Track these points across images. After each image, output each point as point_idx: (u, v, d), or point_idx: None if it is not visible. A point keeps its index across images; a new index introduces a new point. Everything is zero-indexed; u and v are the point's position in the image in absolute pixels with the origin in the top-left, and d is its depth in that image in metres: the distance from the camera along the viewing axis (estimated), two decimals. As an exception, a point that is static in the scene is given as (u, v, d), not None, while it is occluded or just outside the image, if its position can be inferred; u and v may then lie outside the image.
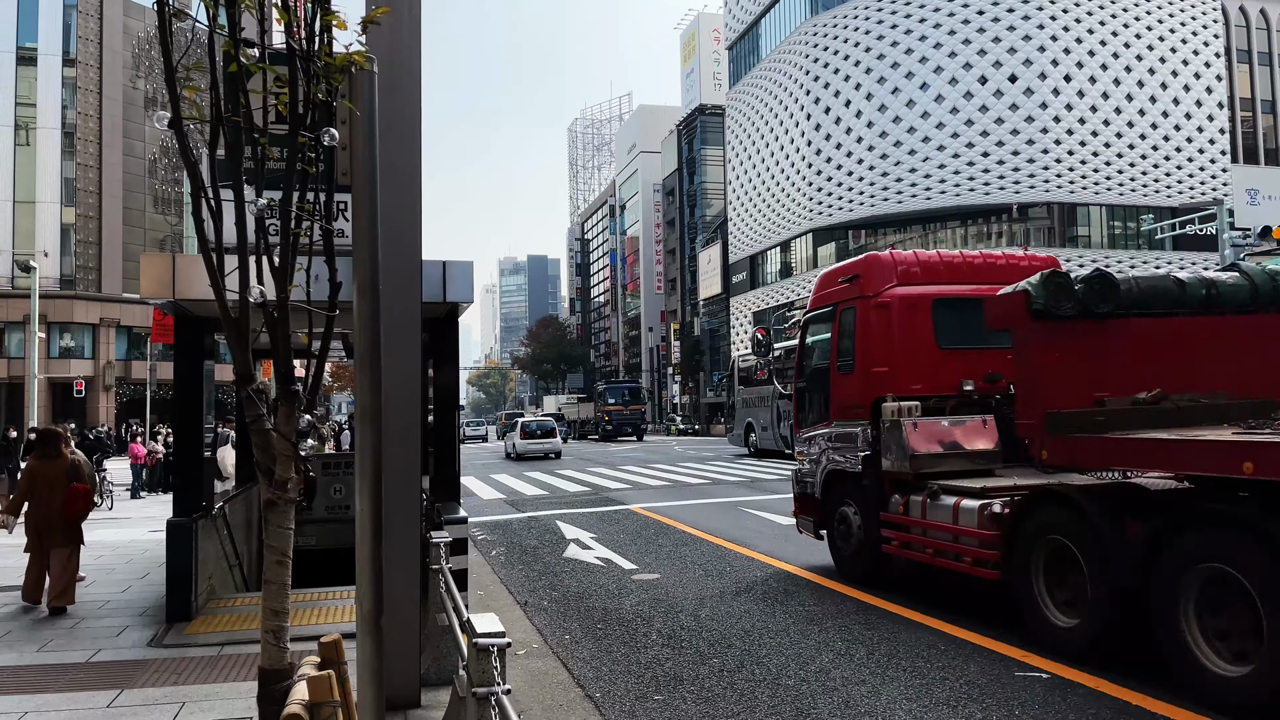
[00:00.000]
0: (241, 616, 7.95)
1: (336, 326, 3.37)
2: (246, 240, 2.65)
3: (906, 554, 8.40)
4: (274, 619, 2.64)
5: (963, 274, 9.52)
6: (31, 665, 6.67)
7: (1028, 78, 53.44)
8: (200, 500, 8.39)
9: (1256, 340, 7.28)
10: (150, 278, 7.06)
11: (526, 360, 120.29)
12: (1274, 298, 7.40)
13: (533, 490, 21.32)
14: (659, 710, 5.71)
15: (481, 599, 9.03)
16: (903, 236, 57.91)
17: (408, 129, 5.55)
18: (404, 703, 5.55)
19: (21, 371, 37.82)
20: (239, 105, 2.66)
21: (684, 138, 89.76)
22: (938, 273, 9.46)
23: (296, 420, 2.70)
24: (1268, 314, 7.38)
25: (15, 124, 45.89)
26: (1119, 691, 5.68)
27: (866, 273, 9.49)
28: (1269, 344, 7.27)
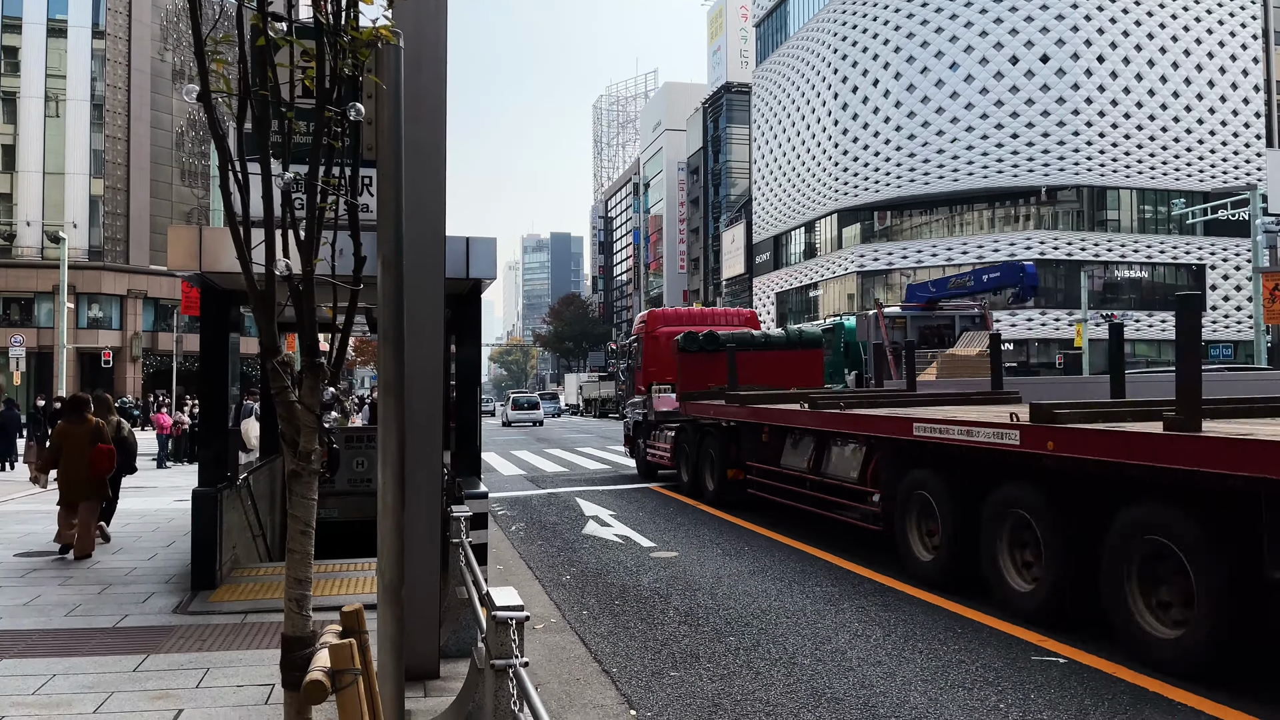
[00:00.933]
0: (265, 586, 8.07)
1: (360, 301, 3.40)
2: (273, 214, 2.67)
3: (654, 459, 17.12)
4: (297, 587, 2.68)
5: (695, 321, 18.36)
6: (60, 629, 6.80)
7: (1060, 58, 52.67)
8: (225, 471, 8.50)
9: (786, 362, 16.02)
10: (178, 250, 7.13)
11: (548, 338, 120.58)
12: (796, 343, 16.79)
13: (553, 467, 21.43)
14: (675, 686, 5.76)
15: (501, 574, 9.12)
16: (929, 218, 57.44)
17: (432, 104, 5.55)
18: (423, 673, 5.63)
19: (51, 341, 38.34)
20: (266, 79, 2.67)
21: (709, 116, 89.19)
22: (681, 320, 18.42)
23: (321, 393, 2.73)
24: (791, 350, 16.46)
25: (45, 96, 46.26)
26: (1135, 678, 5.67)
27: (650, 320, 18.46)
28: (792, 364, 15.99)
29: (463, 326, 8.65)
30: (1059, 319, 51.49)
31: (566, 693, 5.66)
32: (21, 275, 45.02)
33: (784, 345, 16.71)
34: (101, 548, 10.15)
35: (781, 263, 70.99)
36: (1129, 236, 53.87)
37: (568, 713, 5.29)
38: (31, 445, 18.74)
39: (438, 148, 5.62)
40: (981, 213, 55.95)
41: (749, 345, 15.79)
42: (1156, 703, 5.26)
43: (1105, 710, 5.16)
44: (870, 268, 58.13)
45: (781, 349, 16.50)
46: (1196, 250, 54.43)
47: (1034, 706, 5.25)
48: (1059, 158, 52.69)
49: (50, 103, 46.34)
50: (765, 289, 72.82)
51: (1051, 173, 52.80)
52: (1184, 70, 54.42)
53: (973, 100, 54.32)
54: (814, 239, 65.85)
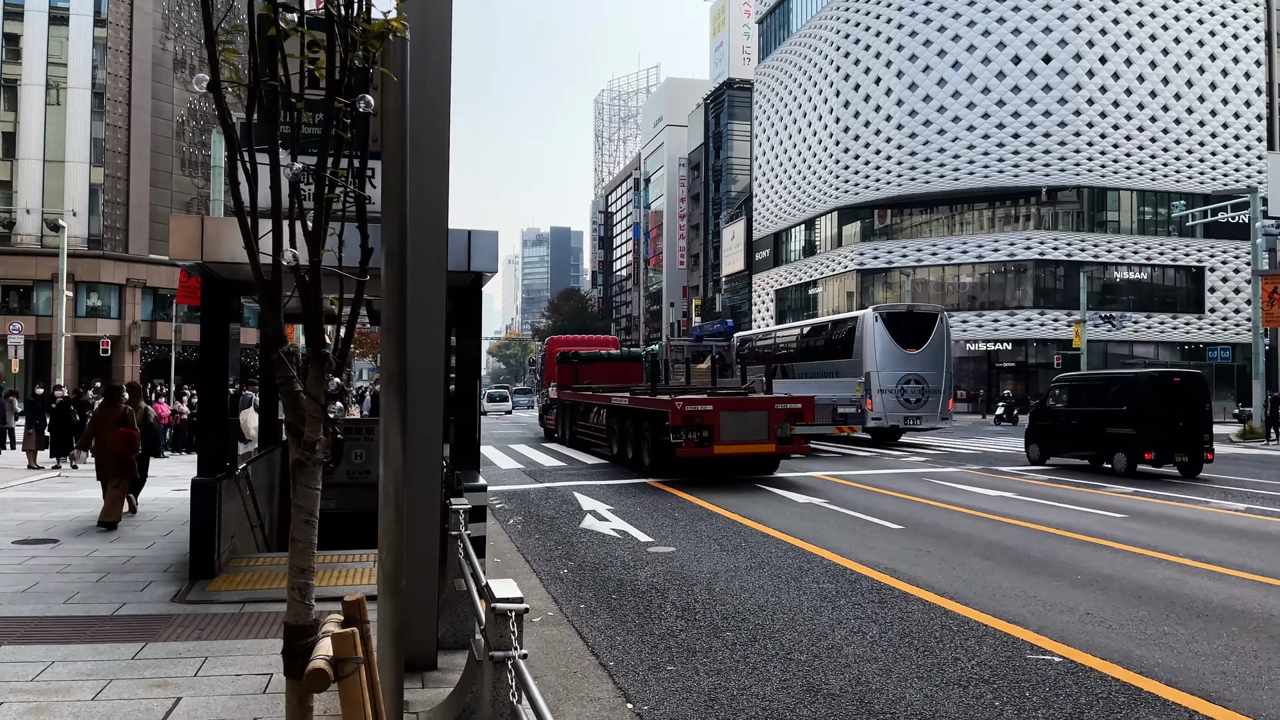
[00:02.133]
0: (263, 576, 8.09)
1: (364, 294, 3.41)
2: (281, 204, 2.68)
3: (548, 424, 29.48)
4: (300, 576, 2.69)
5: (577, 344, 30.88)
6: (58, 616, 6.81)
7: (1062, 58, 52.68)
8: (224, 461, 8.51)
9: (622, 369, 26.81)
10: (180, 239, 7.13)
11: (547, 332, 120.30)
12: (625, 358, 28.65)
13: (551, 461, 21.45)
14: (672, 680, 5.78)
15: (498, 567, 9.13)
16: (929, 217, 57.46)
17: (437, 97, 5.56)
18: (421, 665, 5.64)
19: (49, 329, 38.30)
20: (276, 69, 2.68)
21: (711, 112, 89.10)
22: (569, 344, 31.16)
23: (326, 383, 2.74)
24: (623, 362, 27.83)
25: (47, 83, 46.14)
26: (1130, 677, 5.70)
27: (550, 343, 32.33)
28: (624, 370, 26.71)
29: (463, 319, 8.65)
30: (1058, 319, 51.54)
31: (564, 685, 5.68)
32: (20, 263, 44.93)
33: (619, 359, 28.29)
34: (101, 536, 10.16)
35: (781, 260, 71.00)
36: (1128, 238, 53.90)
37: (565, 705, 5.31)
38: (30, 433, 18.74)
39: (441, 140, 5.62)
40: (981, 212, 55.97)
41: (597, 360, 27.21)
42: (1151, 702, 5.29)
43: (1100, 709, 5.19)
44: (870, 266, 58.15)
45: (618, 361, 27.86)
46: (1196, 252, 54.47)
47: (1029, 705, 5.28)
48: (1060, 158, 52.71)
49: (51, 90, 46.22)
50: (765, 286, 72.83)
51: (1052, 173, 52.83)
52: (1186, 72, 54.43)
53: (974, 99, 54.32)
54: (814, 236, 65.86)
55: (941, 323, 26.41)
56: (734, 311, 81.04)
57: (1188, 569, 9.00)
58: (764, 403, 17.31)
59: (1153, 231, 54.63)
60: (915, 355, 25.72)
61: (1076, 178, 52.81)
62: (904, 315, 26.75)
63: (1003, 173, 53.61)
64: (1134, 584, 8.33)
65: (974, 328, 53.90)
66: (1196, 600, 7.71)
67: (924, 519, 12.34)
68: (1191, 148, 54.43)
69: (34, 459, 18.28)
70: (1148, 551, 9.87)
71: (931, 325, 26.26)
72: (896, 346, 25.68)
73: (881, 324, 25.90)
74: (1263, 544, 10.46)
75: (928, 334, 26.17)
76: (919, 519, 12.33)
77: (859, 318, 27.46)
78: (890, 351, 25.55)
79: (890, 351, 25.55)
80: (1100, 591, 8.05)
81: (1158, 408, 18.03)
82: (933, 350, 26.08)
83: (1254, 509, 13.12)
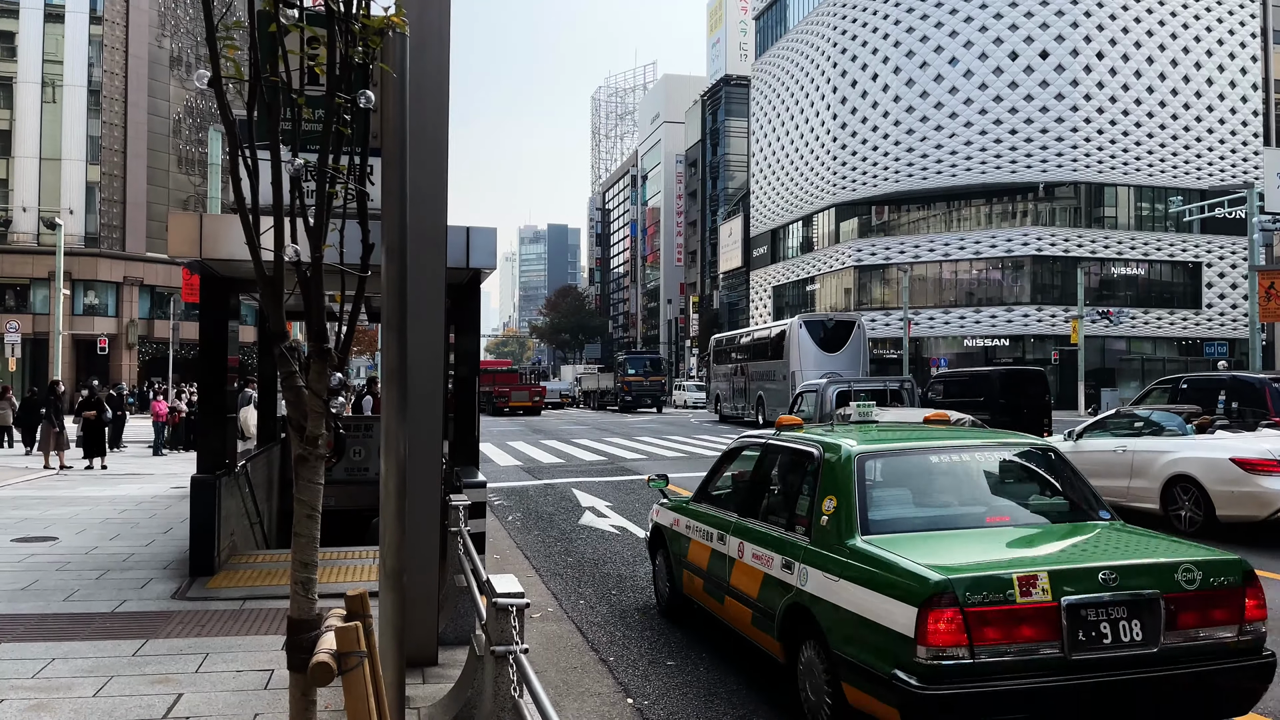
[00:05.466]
0: (263, 573, 8.10)
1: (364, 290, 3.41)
2: (282, 200, 2.69)
3: None
4: (303, 570, 2.70)
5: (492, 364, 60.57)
6: (59, 614, 6.82)
7: (1059, 54, 52.70)
8: (223, 458, 8.51)
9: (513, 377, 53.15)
10: (178, 236, 7.13)
11: (544, 329, 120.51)
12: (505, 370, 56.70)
13: (549, 458, 21.46)
14: (671, 675, 5.80)
15: (497, 563, 9.15)
16: (926, 213, 57.50)
17: (436, 93, 5.56)
18: (422, 660, 5.66)
19: (46, 328, 38.25)
20: (276, 65, 2.68)
21: (708, 108, 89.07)
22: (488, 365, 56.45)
23: (329, 378, 2.75)
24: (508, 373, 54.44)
25: (43, 81, 46.05)
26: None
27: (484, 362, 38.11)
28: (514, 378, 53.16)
29: (462, 316, 8.67)
30: (1055, 315, 51.58)
31: (564, 681, 5.70)
32: (17, 261, 44.86)
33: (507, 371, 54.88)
34: (100, 534, 10.18)
35: (779, 256, 71.01)
36: (1126, 233, 53.95)
37: (565, 700, 5.32)
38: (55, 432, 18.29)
39: (440, 136, 5.63)
40: (979, 208, 56.00)
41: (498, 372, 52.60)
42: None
43: None
44: (867, 262, 58.19)
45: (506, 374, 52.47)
46: (1193, 248, 54.54)
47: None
48: (1057, 154, 52.74)
49: (47, 88, 46.13)
50: (762, 283, 72.85)
51: (1049, 169, 52.86)
52: (1182, 68, 54.47)
53: (971, 95, 54.33)
54: (811, 233, 65.87)
55: (859, 330, 29.82)
56: (731, 309, 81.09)
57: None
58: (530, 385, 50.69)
59: (1150, 227, 54.69)
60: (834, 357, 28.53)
61: (1074, 173, 52.84)
62: (825, 323, 30.49)
63: (1000, 169, 53.64)
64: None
65: (971, 324, 53.96)
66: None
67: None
68: (1188, 143, 54.48)
69: (49, 459, 18.08)
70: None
71: (850, 331, 29.59)
72: (818, 350, 28.79)
73: (805, 330, 29.38)
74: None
75: (846, 339, 29.32)
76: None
77: (788, 325, 31.37)
78: (811, 354, 28.60)
79: (811, 354, 28.60)
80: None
81: (1005, 397, 21.04)
82: (850, 353, 29.23)
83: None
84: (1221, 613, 4.21)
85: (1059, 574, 4.06)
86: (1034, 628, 3.96)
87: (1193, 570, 4.21)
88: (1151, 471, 11.12)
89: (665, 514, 7.25)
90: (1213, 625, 4.19)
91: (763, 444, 6.29)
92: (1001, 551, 4.53)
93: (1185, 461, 10.70)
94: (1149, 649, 4.04)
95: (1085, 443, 12.49)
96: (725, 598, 5.84)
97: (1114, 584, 4.07)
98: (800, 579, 4.84)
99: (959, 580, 3.94)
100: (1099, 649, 3.98)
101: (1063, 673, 3.94)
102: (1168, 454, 10.99)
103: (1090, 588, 4.04)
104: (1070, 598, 3.99)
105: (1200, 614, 4.19)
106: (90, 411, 18.03)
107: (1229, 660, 4.18)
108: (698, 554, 6.39)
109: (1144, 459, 11.31)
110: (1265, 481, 9.80)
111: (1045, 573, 4.03)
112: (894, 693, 3.95)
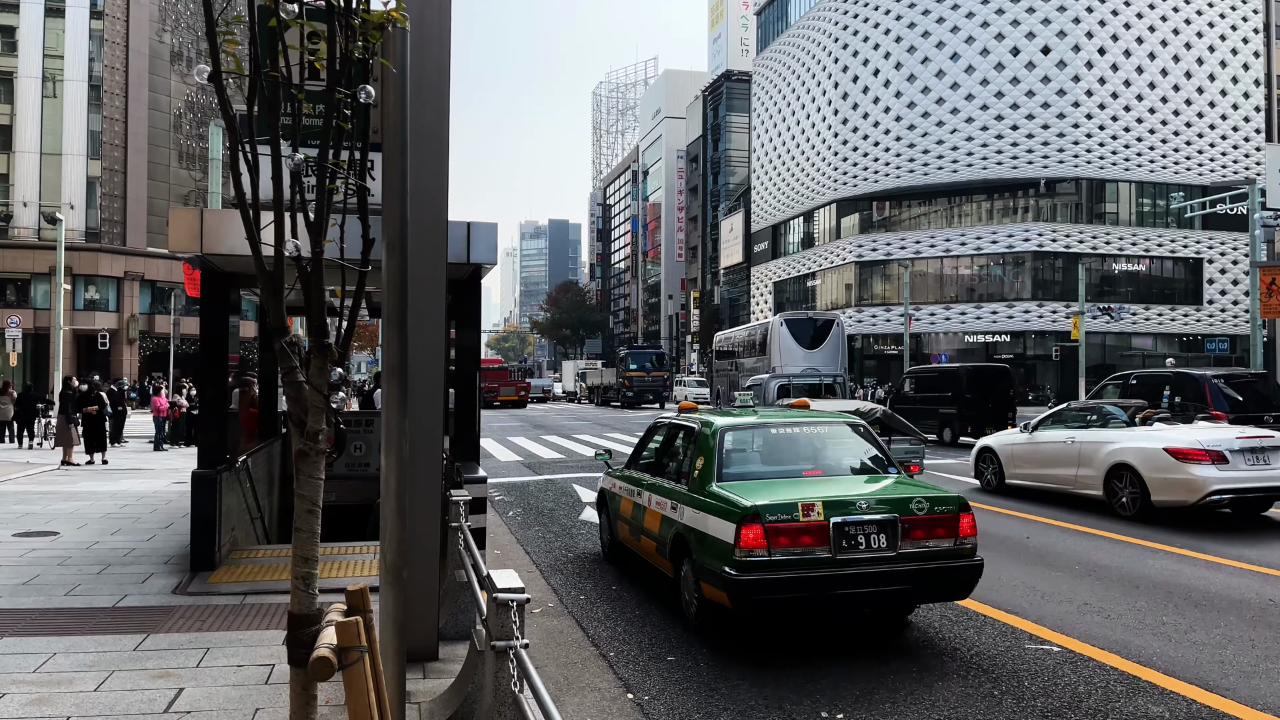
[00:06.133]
0: (264, 568, 8.10)
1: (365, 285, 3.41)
2: (283, 195, 2.69)
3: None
4: (304, 565, 2.70)
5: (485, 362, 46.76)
6: (60, 608, 6.83)
7: (1061, 49, 52.60)
8: (224, 453, 8.51)
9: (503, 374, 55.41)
10: (179, 231, 7.12)
11: (545, 325, 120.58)
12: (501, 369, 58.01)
13: (550, 454, 21.47)
14: (671, 670, 5.80)
15: (498, 559, 9.15)
16: (927, 209, 57.44)
17: (436, 88, 5.55)
18: (422, 655, 5.66)
19: (47, 323, 38.25)
20: (276, 60, 2.68)
21: (709, 104, 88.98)
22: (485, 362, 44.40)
23: (329, 373, 2.75)
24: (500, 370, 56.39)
25: (43, 76, 46.02)
26: (1128, 666, 5.73)
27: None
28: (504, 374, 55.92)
29: (462, 311, 8.66)
30: (1056, 311, 51.54)
31: (564, 676, 5.70)
32: (18, 256, 44.87)
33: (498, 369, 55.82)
34: (101, 529, 10.19)
35: (780, 252, 70.95)
36: (1127, 229, 53.88)
37: (565, 695, 5.33)
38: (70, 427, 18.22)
39: (440, 131, 5.62)
40: (980, 204, 55.94)
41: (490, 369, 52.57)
42: (1149, 691, 5.31)
43: (1099, 698, 5.22)
44: (868, 258, 58.15)
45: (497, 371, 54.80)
46: (1194, 244, 54.47)
47: (1028, 694, 5.30)
48: (1059, 150, 52.65)
49: (48, 83, 46.09)
50: (763, 278, 72.80)
51: (1051, 165, 52.78)
52: (1185, 64, 54.35)
53: (973, 91, 54.24)
54: (812, 228, 65.81)
55: (838, 327, 30.68)
56: (732, 304, 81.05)
57: (1185, 559, 9.03)
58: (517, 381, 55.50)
59: (1151, 223, 54.62)
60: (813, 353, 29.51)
61: (1075, 169, 52.77)
62: (805, 320, 31.61)
63: (1001, 164, 53.57)
64: (1132, 574, 8.36)
65: (972, 320, 53.91)
66: (1194, 590, 7.74)
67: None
68: (1190, 139, 54.38)
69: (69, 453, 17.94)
70: (1146, 542, 9.91)
71: (829, 329, 30.51)
72: (798, 346, 29.78)
73: (785, 328, 30.43)
74: (1258, 535, 10.49)
75: (825, 336, 30.23)
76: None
77: (769, 322, 32.80)
78: (792, 350, 29.56)
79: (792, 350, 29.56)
80: (1098, 582, 8.08)
81: (972, 393, 22.88)
82: (829, 350, 30.14)
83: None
84: (942, 530, 6.10)
85: (830, 503, 5.96)
86: (812, 538, 5.87)
87: (924, 502, 6.12)
88: (1096, 461, 11.99)
89: (606, 480, 9.18)
90: (937, 538, 6.09)
91: (668, 423, 8.40)
92: (802, 491, 6.25)
93: (1125, 451, 11.57)
94: (890, 553, 5.95)
95: (1040, 434, 13.34)
96: (641, 537, 7.77)
97: (867, 510, 5.98)
98: (680, 515, 6.79)
99: (763, 506, 5.89)
100: (855, 552, 5.90)
101: (830, 568, 5.86)
102: (1110, 444, 11.88)
103: (851, 512, 5.95)
104: (836, 518, 5.90)
105: (927, 530, 6.08)
106: (91, 407, 18.03)
107: (948, 561, 6.08)
108: (625, 508, 8.31)
109: (1089, 449, 12.19)
110: (1195, 470, 10.66)
111: (820, 502, 5.96)
112: (723, 582, 5.84)
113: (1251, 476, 10.70)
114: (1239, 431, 11.44)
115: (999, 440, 14.34)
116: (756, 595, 5.76)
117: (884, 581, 5.93)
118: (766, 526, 5.79)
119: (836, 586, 5.87)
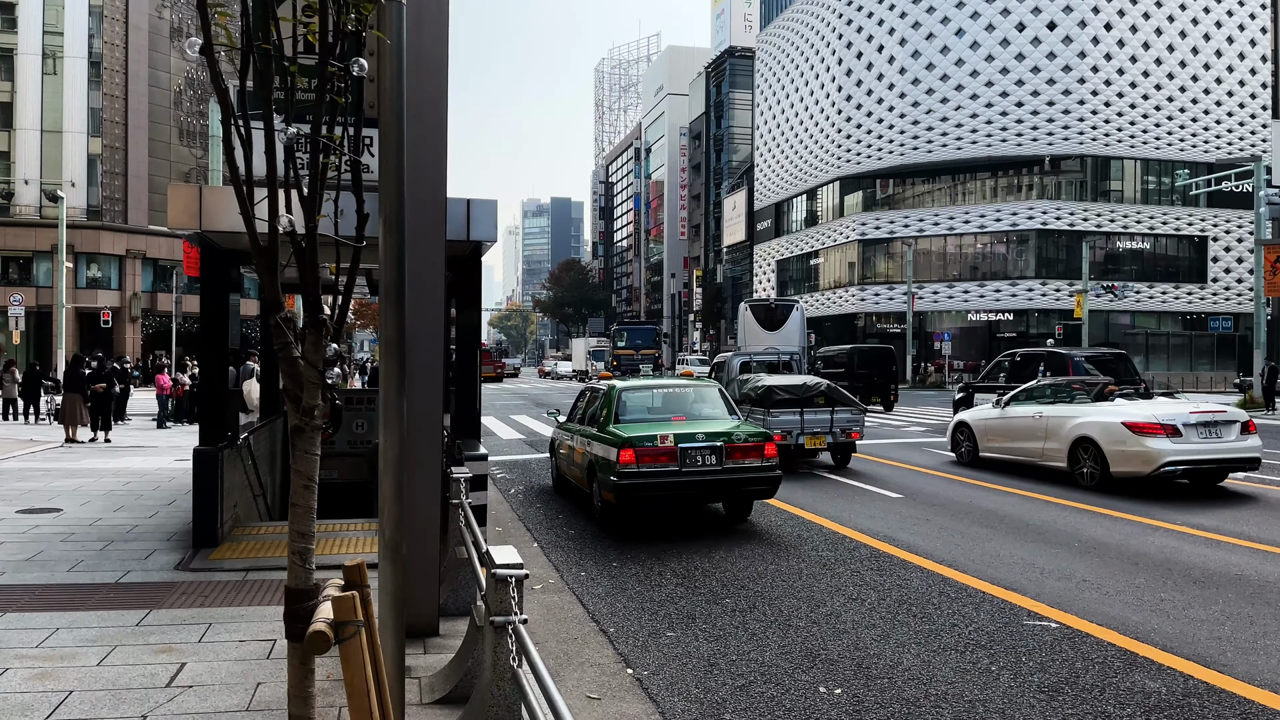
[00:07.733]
0: (265, 544, 8.14)
1: (362, 262, 3.40)
2: (276, 169, 2.67)
3: None
4: (300, 541, 2.71)
5: None
6: (63, 584, 6.87)
7: (1066, 25, 52.18)
8: (226, 431, 8.53)
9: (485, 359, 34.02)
10: (178, 208, 7.09)
11: (548, 303, 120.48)
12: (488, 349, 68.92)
13: (552, 432, 21.49)
14: (671, 646, 5.83)
15: (500, 535, 9.19)
16: (931, 187, 57.19)
17: (434, 63, 5.51)
18: (423, 631, 5.69)
19: (50, 301, 38.27)
20: (269, 33, 2.65)
21: (712, 80, 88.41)
22: None
23: (324, 349, 2.74)
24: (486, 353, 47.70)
25: (43, 53, 45.76)
26: (1125, 642, 5.75)
27: None
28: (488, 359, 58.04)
29: (463, 289, 8.64)
30: (1060, 290, 51.42)
31: (564, 651, 5.73)
32: (20, 234, 44.79)
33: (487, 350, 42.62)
34: (104, 505, 10.23)
35: (783, 230, 70.74)
36: (1131, 207, 53.65)
37: (565, 670, 5.36)
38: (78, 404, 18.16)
39: (438, 107, 5.59)
40: (984, 182, 55.70)
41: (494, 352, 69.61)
42: (1146, 667, 5.34)
43: (1096, 673, 5.24)
44: (872, 236, 57.96)
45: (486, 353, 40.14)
46: (1199, 222, 54.25)
47: (1025, 669, 5.32)
48: (1063, 127, 52.34)
49: (48, 60, 45.83)
50: (766, 256, 72.62)
51: (1055, 142, 52.50)
52: (1191, 40, 53.91)
53: (978, 67, 53.87)
54: (815, 206, 65.57)
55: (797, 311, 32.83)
56: (735, 282, 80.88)
57: (1185, 536, 9.04)
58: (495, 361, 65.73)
59: (1156, 201, 54.37)
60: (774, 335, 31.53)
61: (1080, 146, 52.48)
62: (766, 305, 33.97)
63: (1006, 142, 53.28)
64: (1131, 551, 8.38)
65: (975, 298, 53.80)
66: (1193, 567, 7.76)
67: (923, 488, 12.38)
68: (1196, 116, 54.04)
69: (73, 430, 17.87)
70: (1145, 519, 9.92)
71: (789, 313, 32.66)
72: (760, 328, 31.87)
73: (749, 312, 32.64)
74: (1261, 512, 10.50)
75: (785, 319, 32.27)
76: (918, 488, 12.40)
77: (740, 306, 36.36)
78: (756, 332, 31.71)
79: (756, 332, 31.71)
80: (1097, 559, 8.10)
81: (861, 368, 28.58)
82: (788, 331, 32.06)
83: (1252, 478, 13.14)
84: (754, 454, 9.25)
85: (678, 435, 9.12)
86: (666, 457, 9.01)
87: (743, 435, 9.35)
88: (1060, 434, 12.74)
89: (554, 432, 12.41)
90: (750, 458, 9.24)
91: (589, 387, 11.93)
92: (665, 429, 9.32)
93: (1087, 425, 12.28)
94: (718, 468, 9.12)
95: (1011, 410, 14.14)
96: (572, 469, 11.01)
97: (703, 440, 9.12)
98: (591, 448, 9.94)
99: (633, 438, 9.08)
100: (694, 468, 9.07)
101: (677, 476, 9.02)
102: (1074, 419, 12.59)
103: (692, 441, 9.11)
104: (683, 445, 9.05)
105: (743, 453, 9.22)
106: (99, 384, 18.06)
107: (758, 473, 9.27)
108: (564, 449, 11.49)
109: (1055, 423, 12.94)
110: (1150, 442, 11.35)
111: (672, 435, 9.11)
112: (611, 487, 9.04)
113: (1204, 449, 11.40)
114: (1193, 407, 12.25)
115: (974, 415, 15.24)
116: (632, 495, 8.91)
117: (714, 487, 9.23)
118: (637, 450, 8.90)
119: (682, 490, 9.06)
